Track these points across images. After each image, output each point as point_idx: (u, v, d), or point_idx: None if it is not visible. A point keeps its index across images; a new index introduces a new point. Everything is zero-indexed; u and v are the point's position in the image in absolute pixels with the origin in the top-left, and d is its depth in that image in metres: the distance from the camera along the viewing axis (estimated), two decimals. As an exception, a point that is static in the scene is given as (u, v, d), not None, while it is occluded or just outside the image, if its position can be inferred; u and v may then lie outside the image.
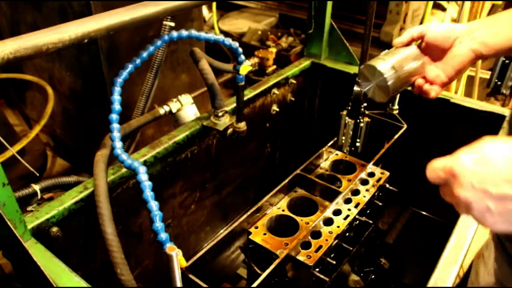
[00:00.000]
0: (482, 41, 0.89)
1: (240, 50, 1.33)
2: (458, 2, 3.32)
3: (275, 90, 1.85)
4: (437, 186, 0.77)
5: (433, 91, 0.99)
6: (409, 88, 1.06)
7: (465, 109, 1.68)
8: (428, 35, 0.96)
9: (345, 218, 1.33)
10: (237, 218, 1.76)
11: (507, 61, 2.44)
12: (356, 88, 1.65)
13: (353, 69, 1.90)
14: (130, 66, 1.21)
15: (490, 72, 2.58)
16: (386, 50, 1.02)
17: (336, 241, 1.29)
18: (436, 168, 0.73)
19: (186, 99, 1.60)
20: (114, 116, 1.17)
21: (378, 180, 1.49)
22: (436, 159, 0.75)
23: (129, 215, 1.39)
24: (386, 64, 0.96)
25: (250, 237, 1.28)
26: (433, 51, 0.96)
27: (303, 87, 2.04)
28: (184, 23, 2.43)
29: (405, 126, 1.65)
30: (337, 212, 1.35)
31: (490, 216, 0.61)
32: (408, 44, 1.01)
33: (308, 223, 1.34)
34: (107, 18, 1.01)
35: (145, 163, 1.34)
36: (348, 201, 1.40)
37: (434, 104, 1.73)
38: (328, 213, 1.33)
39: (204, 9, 4.11)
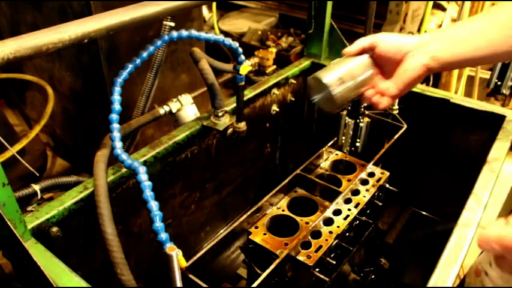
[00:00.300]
0: (434, 55, 0.88)
1: (240, 50, 1.33)
2: (458, 2, 3.32)
3: (275, 90, 1.85)
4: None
5: (383, 103, 0.96)
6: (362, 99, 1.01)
7: (465, 109, 1.68)
8: (379, 46, 0.94)
9: (345, 218, 1.33)
10: (237, 218, 1.76)
11: (507, 61, 2.44)
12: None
13: (353, 69, 1.89)
14: (130, 66, 1.21)
15: (490, 72, 2.57)
16: (338, 59, 0.98)
17: (336, 241, 1.29)
18: (490, 240, 0.63)
19: (186, 99, 1.60)
20: (114, 116, 1.17)
21: (378, 180, 1.49)
22: (488, 228, 0.65)
23: (129, 215, 1.39)
24: (332, 75, 0.92)
25: (250, 237, 1.28)
26: (384, 63, 0.94)
27: (303, 87, 2.04)
28: (184, 23, 2.43)
29: (405, 126, 1.65)
30: (337, 212, 1.35)
31: None
32: (359, 53, 0.97)
33: (308, 223, 1.34)
34: (107, 18, 1.01)
35: (145, 163, 1.34)
36: (348, 201, 1.40)
37: (434, 104, 1.73)
38: (328, 213, 1.33)
39: (204, 9, 4.11)
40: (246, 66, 1.35)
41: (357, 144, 1.65)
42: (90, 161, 1.18)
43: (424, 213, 2.04)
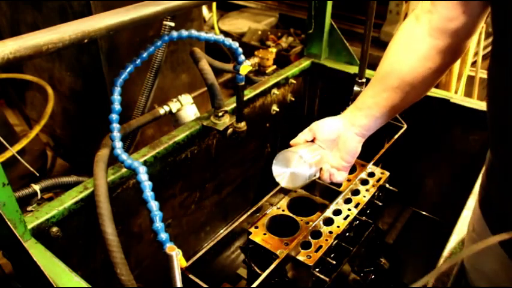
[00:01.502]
0: (360, 125, 1.04)
1: (240, 50, 1.33)
2: (458, 2, 3.32)
3: (275, 90, 1.85)
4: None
5: (340, 176, 1.09)
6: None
7: (465, 109, 1.68)
8: (317, 135, 1.08)
9: (345, 218, 1.33)
10: (237, 218, 1.76)
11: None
12: (356, 88, 1.65)
13: (353, 69, 1.90)
14: (130, 66, 1.21)
15: (490, 72, 2.57)
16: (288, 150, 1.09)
17: (336, 241, 1.29)
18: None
19: (186, 99, 1.60)
20: (114, 116, 1.17)
21: (378, 180, 1.49)
22: None
23: (129, 215, 1.39)
24: (297, 154, 1.05)
25: (250, 237, 1.28)
26: (328, 143, 1.09)
27: (303, 87, 2.04)
28: (184, 23, 2.43)
29: (405, 126, 1.65)
30: (337, 212, 1.35)
31: None
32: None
33: (308, 223, 1.34)
34: (107, 18, 1.01)
35: (145, 163, 1.34)
36: (348, 201, 1.40)
37: (434, 104, 1.73)
38: (328, 213, 1.33)
39: (204, 9, 4.11)
40: (246, 66, 1.35)
41: (357, 144, 1.64)
42: (90, 161, 1.18)
43: (424, 213, 2.04)
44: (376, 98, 1.00)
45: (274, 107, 1.89)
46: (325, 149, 1.09)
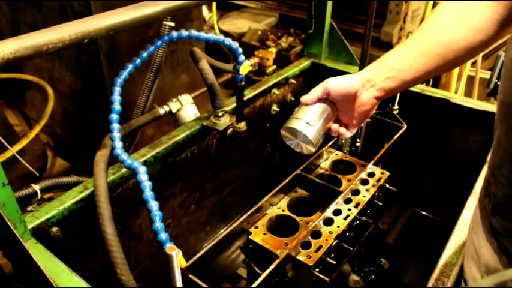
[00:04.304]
0: (380, 87, 1.01)
1: (240, 50, 1.33)
2: (458, 2, 3.32)
3: (275, 90, 1.85)
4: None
5: (349, 133, 1.11)
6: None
7: (465, 109, 1.68)
8: (331, 93, 1.06)
9: (345, 218, 1.33)
10: (237, 218, 1.76)
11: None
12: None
13: (353, 69, 1.90)
14: (130, 66, 1.21)
15: (490, 72, 2.57)
16: (298, 107, 1.11)
17: (336, 241, 1.29)
18: None
19: (186, 99, 1.60)
20: (114, 116, 1.17)
21: (378, 180, 1.49)
22: None
23: (129, 215, 1.39)
24: (302, 122, 1.06)
25: (250, 237, 1.28)
26: (341, 102, 1.07)
27: (303, 87, 2.04)
28: (184, 23, 2.43)
29: (405, 126, 1.65)
30: (337, 212, 1.35)
31: None
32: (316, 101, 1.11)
33: (308, 223, 1.34)
34: (107, 18, 1.01)
35: (145, 163, 1.34)
36: (348, 201, 1.40)
37: (434, 104, 1.73)
38: (328, 213, 1.33)
39: (204, 9, 4.11)
40: (246, 66, 1.35)
41: (357, 144, 1.65)
42: (90, 161, 1.18)
43: (424, 213, 2.04)
44: (411, 62, 0.96)
45: (274, 107, 1.89)
46: (332, 105, 1.08)
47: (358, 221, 1.41)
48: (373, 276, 1.73)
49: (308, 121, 1.05)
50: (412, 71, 0.97)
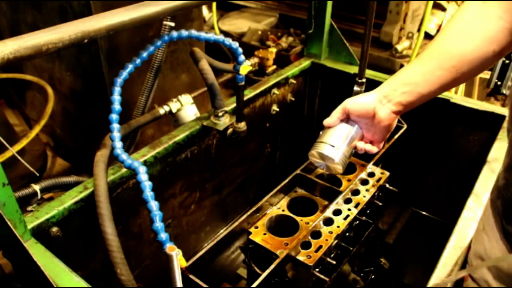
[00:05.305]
0: (397, 102, 1.02)
1: (240, 50, 1.33)
2: (458, 2, 3.32)
3: (275, 90, 1.85)
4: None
5: (375, 148, 1.12)
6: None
7: (465, 109, 1.68)
8: (350, 112, 1.09)
9: (345, 218, 1.33)
10: (237, 218, 1.76)
11: (507, 61, 2.44)
12: (356, 88, 1.65)
13: (353, 69, 1.90)
14: (130, 66, 1.21)
15: (490, 72, 2.57)
16: (321, 132, 1.15)
17: (336, 241, 1.29)
18: None
19: (186, 99, 1.60)
20: (114, 116, 1.17)
21: (378, 180, 1.49)
22: None
23: (129, 215, 1.39)
24: (327, 146, 1.10)
25: (250, 237, 1.28)
26: (362, 120, 1.09)
27: (303, 87, 2.04)
28: (184, 23, 2.43)
29: (405, 126, 1.65)
30: (337, 212, 1.35)
31: None
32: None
33: (308, 223, 1.34)
34: (107, 18, 1.01)
35: (145, 163, 1.34)
36: (348, 201, 1.40)
37: (434, 104, 1.73)
38: (328, 213, 1.33)
39: (204, 9, 4.11)
40: (246, 66, 1.35)
41: (357, 144, 1.64)
42: (90, 161, 1.18)
43: (424, 213, 2.04)
44: (427, 75, 0.97)
45: (274, 107, 1.89)
46: (355, 125, 1.11)
47: (358, 221, 1.41)
48: (373, 276, 1.73)
49: (333, 144, 1.08)
50: (428, 85, 0.98)
